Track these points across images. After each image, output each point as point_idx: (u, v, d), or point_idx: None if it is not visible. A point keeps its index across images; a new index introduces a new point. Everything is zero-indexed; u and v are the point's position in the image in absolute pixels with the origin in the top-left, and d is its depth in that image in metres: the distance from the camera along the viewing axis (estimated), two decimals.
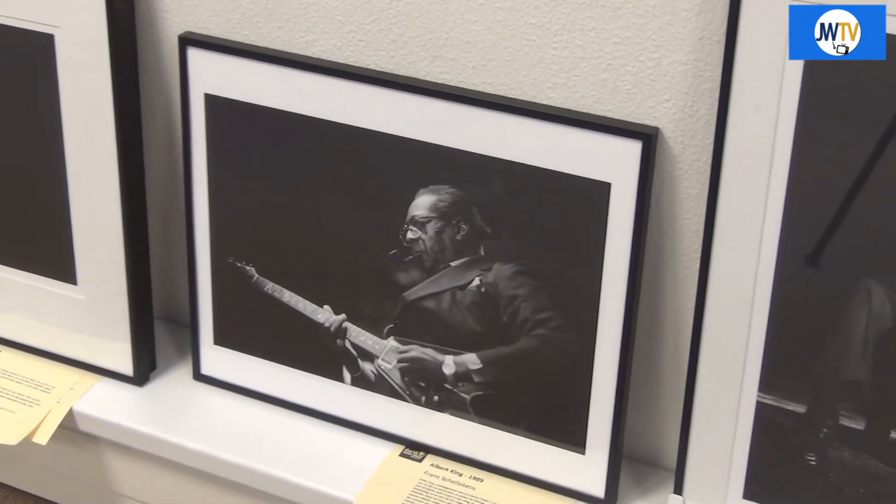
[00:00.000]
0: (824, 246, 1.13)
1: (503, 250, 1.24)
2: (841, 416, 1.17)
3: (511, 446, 1.31)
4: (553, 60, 1.19)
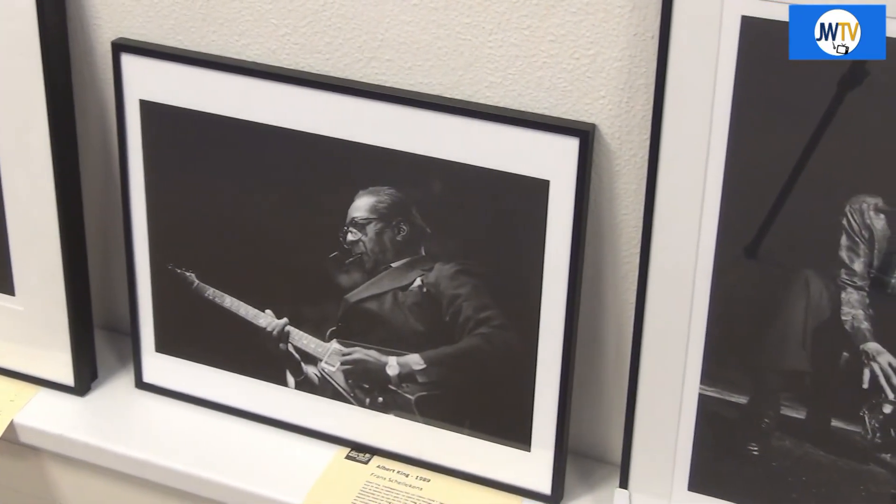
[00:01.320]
0: (762, 238, 1.14)
1: (444, 250, 1.24)
2: (782, 406, 1.18)
3: (457, 445, 1.31)
4: (489, 59, 1.20)
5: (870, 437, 1.16)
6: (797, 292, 1.14)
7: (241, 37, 1.29)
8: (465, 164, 1.19)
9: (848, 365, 1.14)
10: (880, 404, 1.15)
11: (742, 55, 1.07)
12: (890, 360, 1.13)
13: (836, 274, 1.12)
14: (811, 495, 1.20)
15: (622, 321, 1.26)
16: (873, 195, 1.08)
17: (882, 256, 1.10)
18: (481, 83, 1.21)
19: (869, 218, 1.09)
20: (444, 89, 1.23)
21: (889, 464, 1.16)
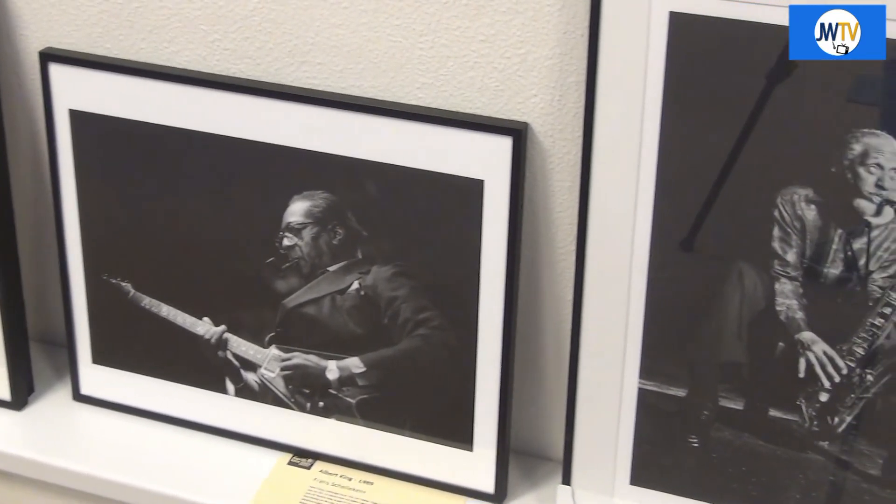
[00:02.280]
0: (697, 232, 1.14)
1: (380, 252, 1.24)
2: (720, 398, 1.19)
3: (399, 448, 1.31)
4: (420, 60, 1.20)
5: (807, 425, 1.17)
6: (732, 284, 1.15)
7: (171, 43, 1.28)
8: (398, 166, 1.19)
9: (784, 355, 1.15)
10: (816, 393, 1.16)
11: (671, 51, 1.08)
12: (825, 348, 1.14)
13: (770, 265, 1.13)
14: (751, 484, 1.21)
15: (560, 318, 1.27)
16: (804, 186, 1.10)
17: (814, 247, 1.11)
18: (413, 84, 1.21)
19: (800, 209, 1.10)
20: (375, 91, 1.22)
21: (826, 451, 1.18)
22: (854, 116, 1.06)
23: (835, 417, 1.16)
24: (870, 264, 1.10)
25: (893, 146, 1.05)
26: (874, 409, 1.15)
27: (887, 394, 1.14)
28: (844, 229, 1.10)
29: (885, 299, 1.10)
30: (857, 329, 1.13)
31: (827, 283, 1.12)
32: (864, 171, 1.07)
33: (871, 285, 1.11)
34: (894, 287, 1.10)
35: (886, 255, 1.09)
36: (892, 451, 1.16)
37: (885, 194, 1.07)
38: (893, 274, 1.09)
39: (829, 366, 1.15)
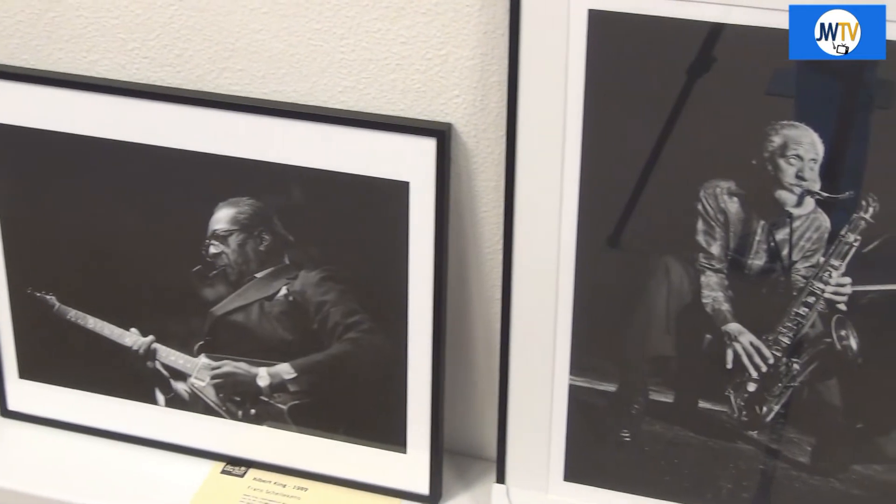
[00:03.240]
0: (622, 227, 1.15)
1: (308, 257, 1.24)
2: (650, 391, 1.20)
3: (333, 452, 1.31)
4: (342, 64, 1.19)
5: (736, 415, 1.18)
6: (658, 279, 1.16)
7: (89, 53, 1.27)
8: (324, 171, 1.19)
9: (711, 347, 1.17)
10: (744, 383, 1.17)
11: (592, 48, 1.09)
12: (751, 339, 1.15)
13: (695, 258, 1.14)
14: (683, 476, 1.22)
15: (489, 317, 1.27)
16: (726, 179, 1.11)
17: (738, 239, 1.12)
18: (335, 88, 1.21)
19: (723, 202, 1.11)
20: (298, 96, 1.22)
21: (756, 440, 1.19)
22: (773, 109, 1.07)
23: (763, 407, 1.17)
24: (793, 254, 1.11)
25: (812, 137, 1.07)
26: (801, 398, 1.16)
27: (813, 382, 1.15)
28: (767, 221, 1.11)
29: (809, 288, 1.12)
30: (782, 319, 1.14)
31: (751, 274, 1.13)
32: (784, 163, 1.08)
33: (794, 275, 1.12)
34: (817, 276, 1.11)
35: (808, 245, 1.10)
36: (820, 439, 1.17)
37: (805, 185, 1.08)
38: (816, 263, 1.11)
39: (756, 356, 1.16)
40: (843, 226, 1.09)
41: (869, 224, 1.08)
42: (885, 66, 1.03)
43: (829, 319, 1.12)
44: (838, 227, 1.09)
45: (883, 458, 1.16)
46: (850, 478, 1.17)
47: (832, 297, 1.12)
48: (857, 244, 1.09)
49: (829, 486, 1.18)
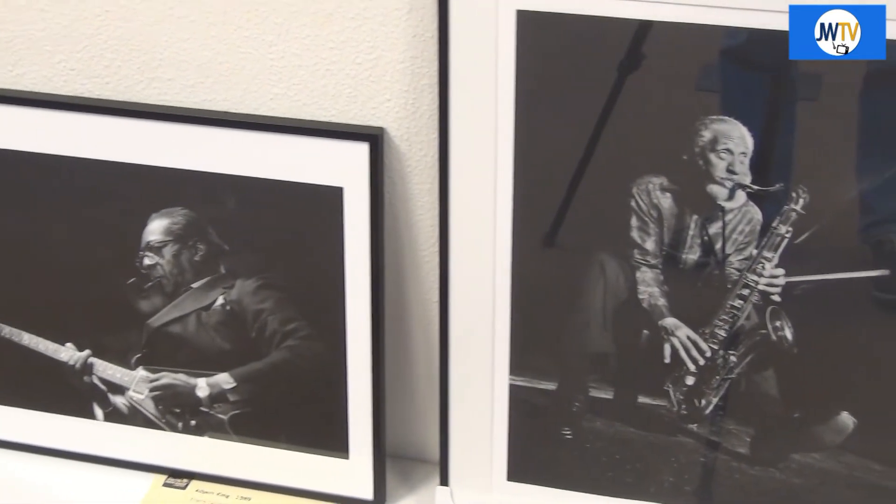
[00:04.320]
0: (558, 226, 1.16)
1: (244, 266, 1.23)
2: (590, 389, 1.21)
3: (275, 461, 1.30)
4: (271, 71, 1.19)
5: (675, 409, 1.19)
6: (594, 276, 1.16)
7: (15, 66, 1.25)
8: (257, 178, 1.19)
9: (649, 342, 1.17)
10: (683, 377, 1.18)
11: (521, 49, 1.09)
12: (688, 333, 1.16)
13: (630, 255, 1.15)
14: (625, 472, 1.23)
15: (428, 320, 1.27)
16: (658, 175, 1.11)
17: (671, 234, 1.13)
18: (266, 95, 1.20)
19: (656, 198, 1.12)
20: (229, 105, 1.21)
21: (696, 433, 1.20)
22: (703, 104, 1.08)
23: (702, 400, 1.18)
24: (726, 248, 1.12)
25: (741, 131, 1.08)
26: (739, 389, 1.17)
27: (750, 373, 1.16)
28: (700, 215, 1.12)
29: (743, 281, 1.13)
30: (717, 312, 1.15)
31: (686, 268, 1.14)
32: (714, 158, 1.09)
33: (728, 268, 1.13)
34: (751, 269, 1.12)
35: (741, 238, 1.11)
36: (758, 429, 1.18)
37: (736, 178, 1.09)
38: (749, 256, 1.12)
39: (694, 350, 1.17)
40: (775, 218, 1.10)
41: (800, 215, 1.09)
42: (808, 60, 1.04)
43: (764, 311, 1.14)
44: (770, 219, 1.10)
45: (821, 447, 1.17)
46: (790, 467, 1.19)
47: (766, 289, 1.13)
48: (788, 236, 1.10)
49: (768, 475, 1.19)
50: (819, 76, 1.05)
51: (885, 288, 1.11)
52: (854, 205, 1.08)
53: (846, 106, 1.05)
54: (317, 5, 1.15)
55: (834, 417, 1.16)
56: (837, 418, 1.16)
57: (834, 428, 1.16)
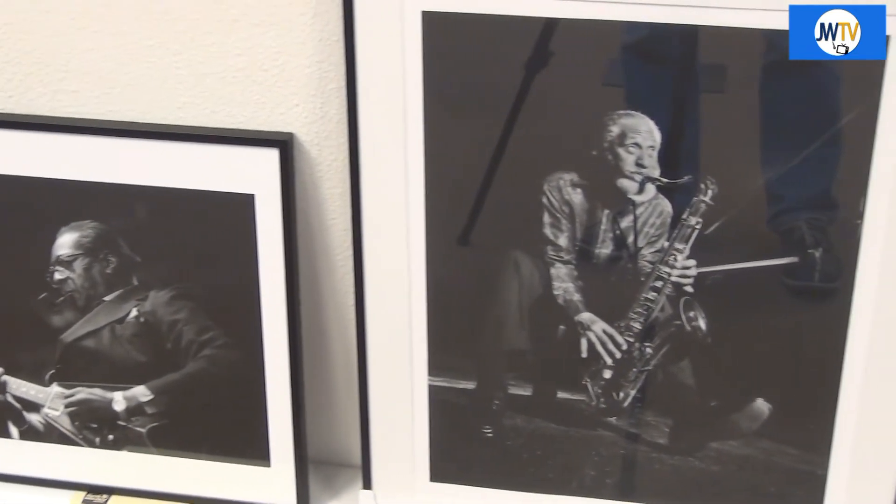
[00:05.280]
0: (472, 225, 1.16)
1: (157, 277, 1.22)
2: (509, 386, 1.21)
3: (196, 472, 1.29)
4: (177, 80, 1.18)
5: (594, 403, 1.20)
6: (509, 274, 1.17)
7: None
8: (166, 188, 1.18)
9: (565, 337, 1.18)
10: (600, 371, 1.19)
11: (428, 50, 1.09)
12: (604, 327, 1.17)
13: (544, 251, 1.15)
14: (547, 467, 1.23)
15: (345, 324, 1.27)
16: (568, 171, 1.12)
17: (584, 229, 1.14)
18: (173, 104, 1.19)
19: (567, 194, 1.13)
20: (135, 115, 1.20)
21: (615, 426, 1.21)
22: (610, 99, 1.09)
23: (620, 392, 1.19)
24: (638, 241, 1.13)
25: (649, 125, 1.09)
26: (656, 381, 1.18)
27: (667, 364, 1.17)
28: (611, 210, 1.13)
29: (656, 273, 1.14)
30: (632, 305, 1.16)
31: (599, 263, 1.15)
32: (623, 152, 1.10)
33: (641, 261, 1.14)
34: (663, 261, 1.13)
35: (653, 231, 1.13)
36: (676, 419, 1.20)
37: (645, 172, 1.10)
38: (661, 248, 1.13)
39: (610, 343, 1.18)
40: (685, 210, 1.11)
41: (709, 206, 1.10)
42: (711, 52, 1.05)
43: (678, 302, 1.15)
44: (680, 211, 1.11)
45: (738, 434, 1.18)
46: (708, 455, 1.20)
47: (679, 280, 1.14)
48: (699, 227, 1.11)
49: (688, 464, 1.21)
50: (723, 69, 1.07)
51: (794, 275, 1.12)
52: (761, 194, 1.10)
53: (749, 97, 1.07)
54: (221, 12, 1.14)
55: (749, 404, 1.18)
56: (753, 405, 1.17)
57: (750, 415, 1.18)
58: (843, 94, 1.06)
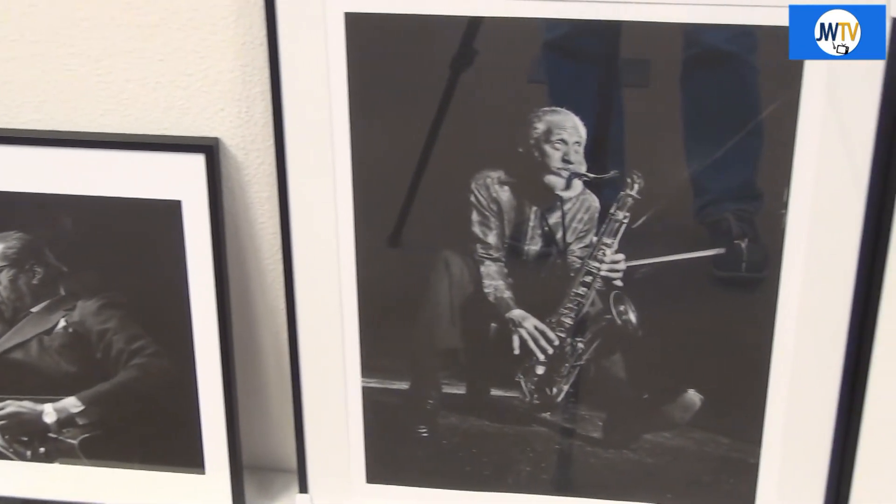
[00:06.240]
0: (402, 226, 1.16)
1: (84, 286, 1.21)
2: (443, 385, 1.21)
3: (130, 482, 1.28)
4: (100, 87, 1.17)
5: (528, 399, 1.20)
6: (439, 273, 1.17)
7: None
8: (92, 197, 1.17)
9: (497, 335, 1.18)
10: (533, 367, 1.19)
11: (352, 51, 1.09)
12: (535, 323, 1.18)
13: (473, 249, 1.15)
14: (483, 465, 1.24)
15: (277, 328, 1.27)
16: (495, 169, 1.12)
17: (512, 226, 1.14)
18: (95, 112, 1.18)
19: (495, 191, 1.13)
20: (57, 123, 1.19)
21: (549, 422, 1.21)
22: (536, 96, 1.10)
23: (553, 388, 1.20)
24: (567, 237, 1.14)
25: (574, 121, 1.09)
26: (588, 375, 1.19)
27: (598, 358, 1.18)
28: (539, 206, 1.13)
29: (585, 268, 1.14)
30: (563, 300, 1.16)
31: (529, 260, 1.15)
32: (549, 148, 1.10)
33: (570, 257, 1.15)
34: (592, 256, 1.14)
35: (581, 227, 1.13)
36: (610, 413, 1.20)
37: (571, 167, 1.11)
38: (590, 243, 1.14)
39: (542, 339, 1.18)
40: (612, 204, 1.12)
41: (636, 200, 1.11)
42: (634, 47, 1.06)
43: (608, 296, 1.15)
44: (607, 206, 1.12)
45: (670, 425, 1.19)
46: (642, 447, 1.21)
47: (608, 275, 1.15)
48: (626, 221, 1.12)
49: (622, 457, 1.21)
50: (646, 63, 1.07)
51: (722, 266, 1.13)
52: (687, 187, 1.11)
53: (672, 91, 1.08)
54: (141, 18, 1.13)
55: (681, 395, 1.19)
56: (684, 396, 1.19)
57: (682, 406, 1.19)
58: (764, 85, 1.07)
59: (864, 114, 1.05)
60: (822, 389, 1.15)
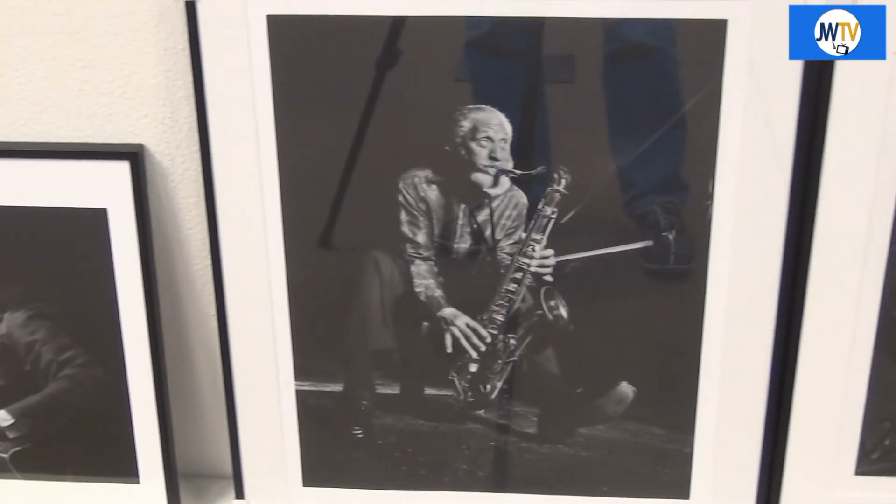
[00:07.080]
0: (332, 227, 1.16)
1: (11, 298, 1.20)
2: (376, 385, 1.21)
3: (64, 494, 1.27)
4: (20, 96, 1.16)
5: (462, 397, 1.21)
6: (370, 274, 1.17)
7: None
8: (15, 207, 1.15)
9: (430, 334, 1.19)
10: (466, 364, 1.19)
11: (275, 54, 1.09)
12: (467, 321, 1.18)
13: (403, 249, 1.15)
14: (419, 464, 1.24)
15: (208, 334, 1.26)
16: (423, 168, 1.12)
17: (441, 225, 1.14)
18: (16, 121, 1.17)
19: (422, 190, 1.13)
20: None
21: (484, 419, 1.22)
22: (462, 94, 1.10)
23: (486, 385, 1.20)
24: (496, 234, 1.14)
25: (499, 118, 1.10)
26: (522, 371, 1.19)
27: (531, 354, 1.19)
28: (467, 204, 1.14)
29: (515, 265, 1.15)
30: (493, 297, 1.17)
31: (459, 258, 1.16)
32: (476, 146, 1.11)
33: (499, 254, 1.15)
34: (522, 252, 1.14)
35: (509, 223, 1.14)
36: (544, 408, 1.21)
37: (498, 165, 1.11)
38: (519, 240, 1.14)
39: (474, 336, 1.19)
40: (540, 200, 1.12)
41: (563, 195, 1.12)
42: (556, 43, 1.06)
43: (538, 292, 1.16)
44: (535, 202, 1.13)
45: (604, 418, 1.20)
46: (577, 441, 1.21)
47: (538, 270, 1.15)
48: (554, 216, 1.13)
49: (558, 451, 1.22)
50: (570, 59, 1.08)
51: (651, 258, 1.14)
52: (614, 180, 1.11)
53: (596, 86, 1.08)
54: (61, 26, 1.12)
55: (614, 388, 1.19)
56: (617, 389, 1.19)
57: (615, 399, 1.20)
58: (686, 77, 1.08)
59: (785, 103, 1.06)
60: (752, 378, 1.17)
